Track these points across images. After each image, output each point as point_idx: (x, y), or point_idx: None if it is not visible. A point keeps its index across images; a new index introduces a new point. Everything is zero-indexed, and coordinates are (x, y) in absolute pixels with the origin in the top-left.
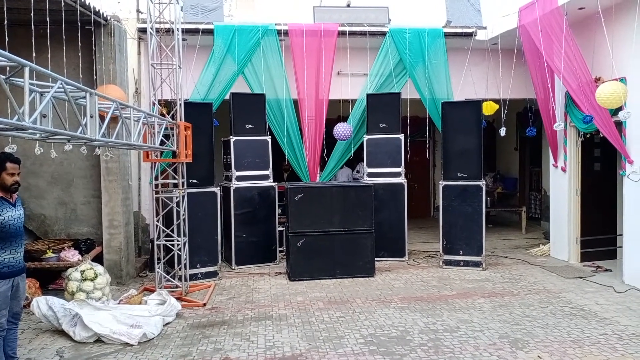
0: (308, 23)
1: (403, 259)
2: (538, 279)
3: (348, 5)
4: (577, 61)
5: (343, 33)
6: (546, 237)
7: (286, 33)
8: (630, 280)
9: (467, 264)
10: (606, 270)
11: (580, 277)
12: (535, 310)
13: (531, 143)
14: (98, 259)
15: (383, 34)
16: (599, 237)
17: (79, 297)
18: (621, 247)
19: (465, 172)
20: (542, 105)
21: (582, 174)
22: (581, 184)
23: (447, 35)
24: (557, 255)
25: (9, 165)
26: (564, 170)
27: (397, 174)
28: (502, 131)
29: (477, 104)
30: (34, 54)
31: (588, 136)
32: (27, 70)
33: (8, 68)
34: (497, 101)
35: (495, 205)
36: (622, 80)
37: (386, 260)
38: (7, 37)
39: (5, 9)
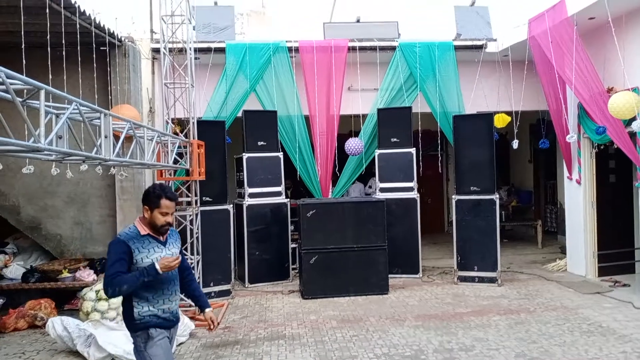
0: (318, 39)
1: (417, 276)
2: (555, 295)
3: (357, 21)
4: (589, 72)
5: (353, 48)
6: (563, 251)
7: (297, 50)
8: None
9: (482, 280)
10: (624, 285)
11: (598, 293)
12: (552, 327)
13: (545, 155)
14: None
15: (393, 48)
16: (617, 250)
17: (93, 317)
18: (639, 261)
19: (479, 185)
20: (555, 117)
21: (598, 186)
22: (597, 196)
23: (457, 48)
24: (574, 270)
25: (164, 203)
26: (578, 182)
27: (410, 189)
28: (515, 143)
29: (488, 117)
30: (50, 76)
31: (602, 147)
32: (42, 92)
33: (25, 91)
34: (509, 113)
35: (510, 219)
36: (635, 90)
37: (400, 277)
38: (24, 60)
39: (23, 32)
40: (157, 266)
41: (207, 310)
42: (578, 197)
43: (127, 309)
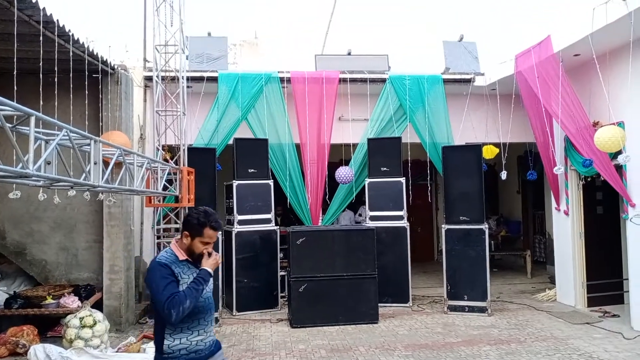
0: (310, 70)
1: (407, 305)
2: (545, 325)
3: (349, 54)
4: (575, 106)
5: (344, 80)
6: (552, 281)
7: (289, 80)
8: (638, 326)
9: (472, 309)
10: (614, 315)
11: (588, 323)
12: (542, 358)
13: (534, 186)
14: (98, 305)
15: (383, 80)
16: (606, 281)
17: (77, 344)
18: (628, 291)
19: (468, 215)
20: (542, 149)
21: (585, 217)
22: (585, 227)
23: (445, 81)
24: (564, 300)
25: (207, 232)
26: (566, 213)
27: (400, 217)
28: (503, 174)
29: (477, 148)
30: (41, 102)
31: (589, 179)
32: (32, 119)
33: (15, 117)
34: (497, 145)
35: (499, 248)
36: (620, 124)
37: (390, 306)
38: (15, 86)
39: (15, 59)
40: (208, 268)
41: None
42: (566, 228)
43: (157, 342)
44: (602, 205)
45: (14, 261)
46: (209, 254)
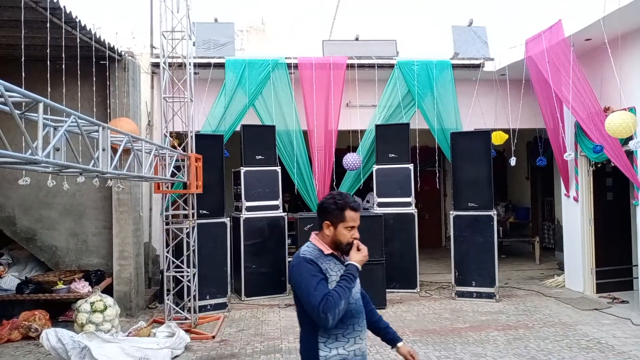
0: (317, 56)
1: (415, 290)
2: (553, 311)
3: (356, 39)
4: (586, 91)
5: (352, 66)
6: (561, 267)
7: (296, 66)
8: None
9: (480, 295)
10: (623, 301)
11: (596, 309)
12: (550, 343)
13: (543, 172)
14: (108, 290)
15: (391, 66)
16: (615, 267)
17: (88, 329)
18: (637, 278)
19: (476, 202)
20: (552, 135)
21: (595, 203)
22: (594, 213)
23: (454, 66)
24: (572, 287)
25: (349, 215)
26: (576, 200)
27: (408, 204)
28: (512, 161)
29: (486, 134)
30: (49, 89)
31: (599, 165)
32: (41, 105)
33: (23, 103)
34: (506, 131)
35: (507, 235)
36: (632, 110)
37: (397, 292)
38: (23, 73)
39: (23, 45)
40: (356, 263)
41: (399, 344)
42: (575, 214)
43: (310, 352)
44: (612, 191)
45: (25, 247)
46: (358, 248)
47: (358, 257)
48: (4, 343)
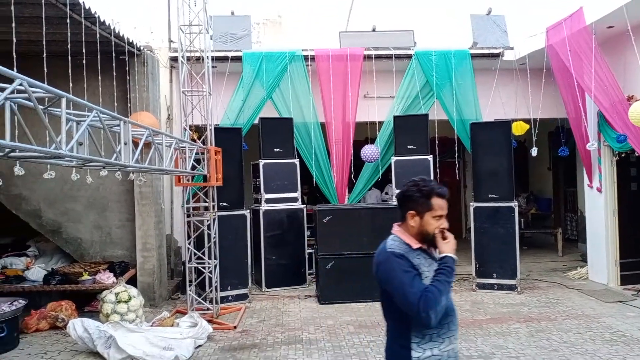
0: (334, 48)
1: None
2: (576, 303)
3: (373, 30)
4: (608, 80)
5: (369, 57)
6: (584, 259)
7: (313, 58)
8: None
9: (501, 287)
10: None
11: (621, 302)
12: (573, 336)
13: (565, 163)
14: (132, 282)
15: (409, 56)
16: (639, 259)
17: (113, 319)
18: None
19: (497, 193)
20: (574, 125)
21: (619, 194)
22: (618, 204)
23: (473, 56)
24: (596, 279)
25: (436, 202)
26: (599, 190)
27: None
28: (534, 151)
29: (506, 124)
30: (70, 84)
31: (623, 155)
32: (64, 100)
33: (46, 99)
34: (527, 121)
35: (529, 226)
36: None
37: None
38: (45, 68)
39: (44, 41)
40: (451, 254)
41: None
42: (599, 205)
43: (401, 353)
44: (636, 181)
45: (51, 239)
46: (444, 237)
47: (449, 247)
48: (32, 332)
